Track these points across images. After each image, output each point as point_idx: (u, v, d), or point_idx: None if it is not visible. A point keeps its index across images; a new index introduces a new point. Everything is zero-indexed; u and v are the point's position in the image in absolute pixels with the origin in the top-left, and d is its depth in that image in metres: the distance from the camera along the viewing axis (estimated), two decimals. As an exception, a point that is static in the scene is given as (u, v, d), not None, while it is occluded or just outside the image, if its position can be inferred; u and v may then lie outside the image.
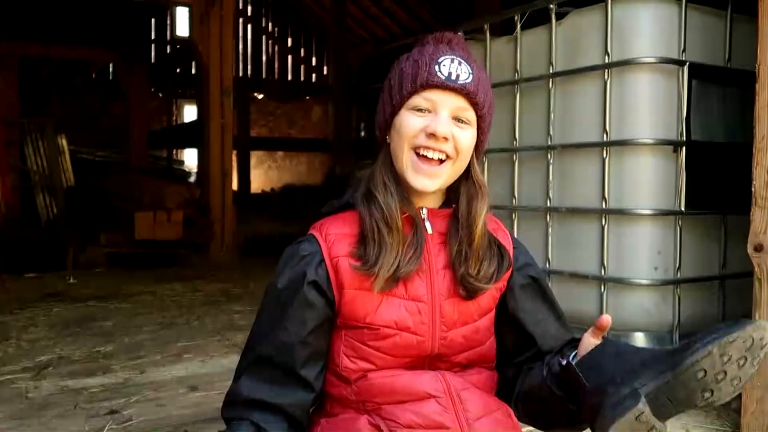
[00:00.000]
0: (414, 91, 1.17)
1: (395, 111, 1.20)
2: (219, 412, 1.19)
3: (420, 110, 1.17)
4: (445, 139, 1.15)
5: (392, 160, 1.20)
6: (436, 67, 1.16)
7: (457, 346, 1.19)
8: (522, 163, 3.07)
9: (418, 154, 1.16)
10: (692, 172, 2.58)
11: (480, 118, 1.20)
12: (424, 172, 1.17)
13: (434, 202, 1.24)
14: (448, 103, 1.16)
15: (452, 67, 1.16)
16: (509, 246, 1.27)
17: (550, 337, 1.25)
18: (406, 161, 1.18)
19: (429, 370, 1.18)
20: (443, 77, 1.15)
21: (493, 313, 1.25)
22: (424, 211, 1.22)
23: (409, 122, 1.17)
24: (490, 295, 1.22)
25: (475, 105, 1.18)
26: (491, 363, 1.26)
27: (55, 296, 4.75)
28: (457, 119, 1.17)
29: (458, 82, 1.16)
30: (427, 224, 1.22)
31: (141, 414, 2.37)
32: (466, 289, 1.18)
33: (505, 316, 1.26)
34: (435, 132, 1.14)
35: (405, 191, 1.19)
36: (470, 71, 1.17)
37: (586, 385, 1.02)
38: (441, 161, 1.17)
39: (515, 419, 1.22)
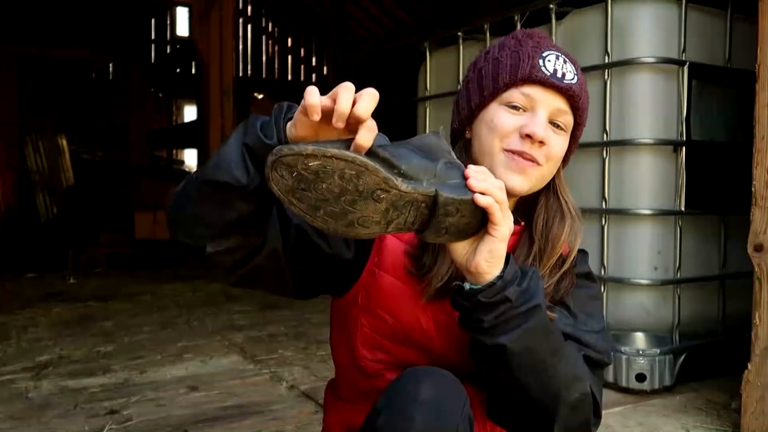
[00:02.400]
0: (512, 84, 1.04)
1: (484, 103, 1.07)
2: (219, 412, 1.18)
3: (515, 107, 1.04)
4: (541, 143, 1.03)
5: (470, 156, 1.09)
6: (541, 62, 1.04)
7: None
8: (522, 163, 3.06)
9: (509, 152, 1.04)
10: (692, 172, 2.58)
11: (576, 126, 1.09)
12: (518, 168, 1.04)
13: None
14: (548, 103, 1.04)
15: (558, 63, 1.04)
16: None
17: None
18: (496, 160, 1.05)
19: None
20: (548, 73, 1.03)
21: None
22: None
23: (503, 119, 1.04)
24: None
25: (576, 110, 1.06)
26: None
27: (55, 296, 4.75)
28: (554, 123, 1.05)
29: (564, 81, 1.03)
30: None
31: (141, 414, 2.37)
32: None
33: None
34: (533, 133, 1.02)
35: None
36: (575, 72, 1.06)
37: None
38: (533, 164, 1.05)
39: None
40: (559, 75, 1.04)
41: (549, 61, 1.05)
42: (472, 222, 0.89)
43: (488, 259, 0.91)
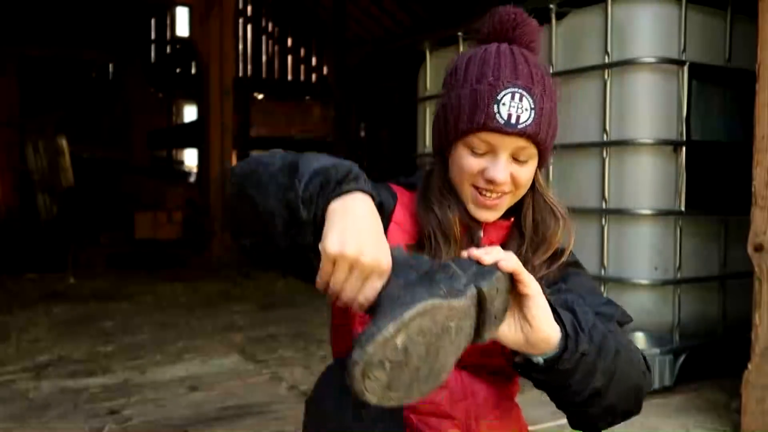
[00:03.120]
0: (470, 131, 1.09)
1: (451, 141, 1.14)
2: (219, 412, 1.21)
3: (477, 152, 1.11)
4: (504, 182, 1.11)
5: (450, 176, 1.16)
6: (495, 107, 1.07)
7: (474, 357, 1.14)
8: (522, 163, 3.06)
9: (477, 189, 1.12)
10: (692, 172, 2.58)
11: (542, 150, 1.14)
12: (485, 205, 1.12)
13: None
14: (507, 146, 1.09)
15: (512, 106, 1.07)
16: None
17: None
18: (466, 195, 1.14)
19: None
20: (502, 122, 1.07)
21: None
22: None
23: (467, 163, 1.11)
24: None
25: (536, 143, 1.11)
26: (507, 369, 1.18)
27: (55, 296, 4.75)
28: (517, 158, 1.11)
29: (518, 126, 1.07)
30: (480, 233, 1.18)
31: (141, 414, 2.37)
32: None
33: None
34: (494, 180, 1.09)
35: (463, 202, 1.16)
36: (532, 105, 1.09)
37: None
38: (501, 195, 1.13)
39: (524, 421, 1.22)
40: (513, 120, 1.07)
41: (504, 104, 1.07)
42: (507, 295, 0.93)
43: (544, 318, 0.94)
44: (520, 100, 1.08)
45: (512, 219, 1.19)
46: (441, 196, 1.15)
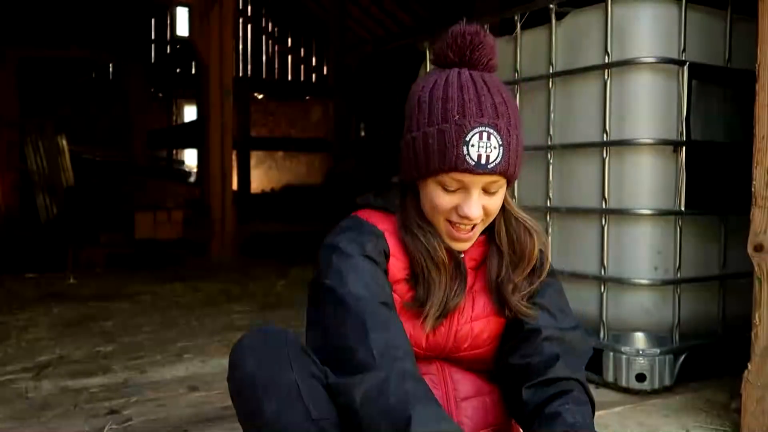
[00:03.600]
0: (441, 171, 1.12)
1: (422, 178, 1.17)
2: (219, 412, 1.25)
3: (449, 189, 1.14)
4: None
5: (422, 205, 1.20)
6: (464, 149, 1.09)
7: (463, 362, 1.26)
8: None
9: (450, 223, 1.17)
10: (692, 172, 2.58)
11: (511, 180, 1.18)
12: (460, 239, 1.19)
13: None
14: (478, 182, 1.13)
15: (481, 146, 1.09)
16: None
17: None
18: (440, 228, 1.19)
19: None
20: (473, 163, 1.10)
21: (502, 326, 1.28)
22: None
23: (440, 201, 1.15)
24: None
25: (506, 177, 1.15)
26: (489, 366, 1.30)
27: (55, 296, 4.74)
28: (488, 191, 1.15)
29: (488, 166, 1.10)
30: (462, 254, 1.25)
31: (141, 414, 2.37)
32: (507, 310, 1.22)
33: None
34: (468, 216, 1.14)
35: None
36: (500, 141, 1.10)
37: None
38: (474, 226, 1.18)
39: (503, 407, 1.28)
40: (483, 161, 1.09)
41: (473, 146, 1.09)
42: None
43: None
44: (488, 138, 1.09)
45: (485, 235, 1.25)
46: (420, 222, 1.20)
